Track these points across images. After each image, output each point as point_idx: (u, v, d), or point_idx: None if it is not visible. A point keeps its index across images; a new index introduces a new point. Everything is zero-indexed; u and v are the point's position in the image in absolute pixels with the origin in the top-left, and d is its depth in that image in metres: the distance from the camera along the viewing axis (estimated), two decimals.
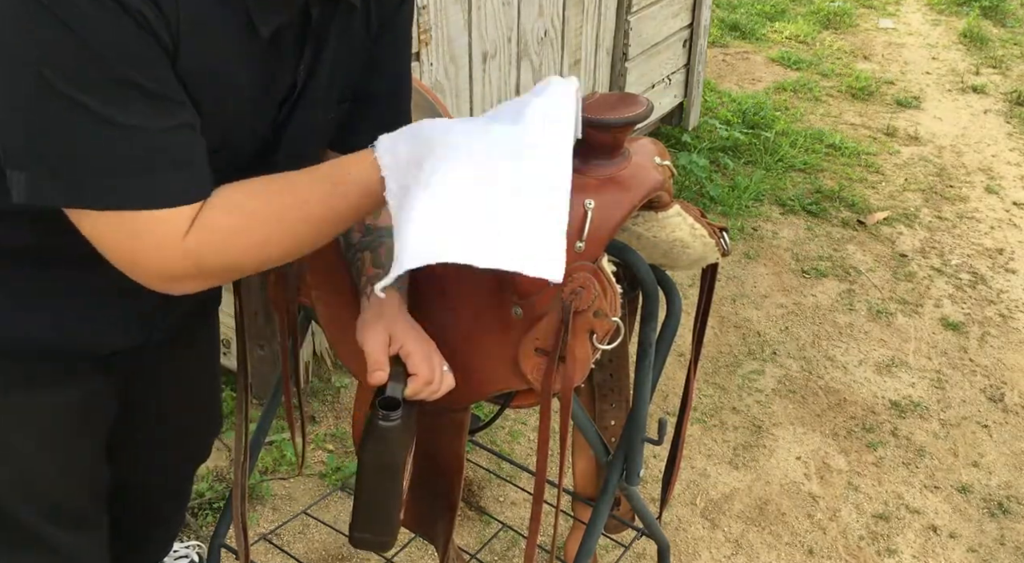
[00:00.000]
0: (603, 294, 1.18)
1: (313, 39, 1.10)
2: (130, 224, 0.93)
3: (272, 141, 1.15)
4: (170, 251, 0.95)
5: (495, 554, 2.13)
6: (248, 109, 1.07)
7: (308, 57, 1.10)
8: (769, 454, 2.49)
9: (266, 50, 1.04)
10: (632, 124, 1.18)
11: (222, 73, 1.01)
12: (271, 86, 1.09)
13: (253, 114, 1.09)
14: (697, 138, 4.06)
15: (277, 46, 1.06)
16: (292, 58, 1.09)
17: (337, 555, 2.11)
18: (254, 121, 1.10)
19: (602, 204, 1.17)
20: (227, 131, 1.05)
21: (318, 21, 1.09)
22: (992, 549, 2.25)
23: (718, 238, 1.35)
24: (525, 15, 2.79)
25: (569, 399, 1.21)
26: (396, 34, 1.26)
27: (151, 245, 0.94)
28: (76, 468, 1.32)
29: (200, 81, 0.98)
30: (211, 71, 0.99)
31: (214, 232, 0.96)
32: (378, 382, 1.17)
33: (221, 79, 1.01)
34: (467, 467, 2.20)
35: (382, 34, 1.23)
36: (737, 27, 5.52)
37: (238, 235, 0.98)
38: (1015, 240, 3.57)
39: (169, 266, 0.96)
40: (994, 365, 2.87)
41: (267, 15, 1.01)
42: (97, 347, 1.23)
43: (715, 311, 3.03)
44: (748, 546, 2.21)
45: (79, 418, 1.29)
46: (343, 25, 1.13)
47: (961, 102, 4.78)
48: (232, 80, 1.02)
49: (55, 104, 0.88)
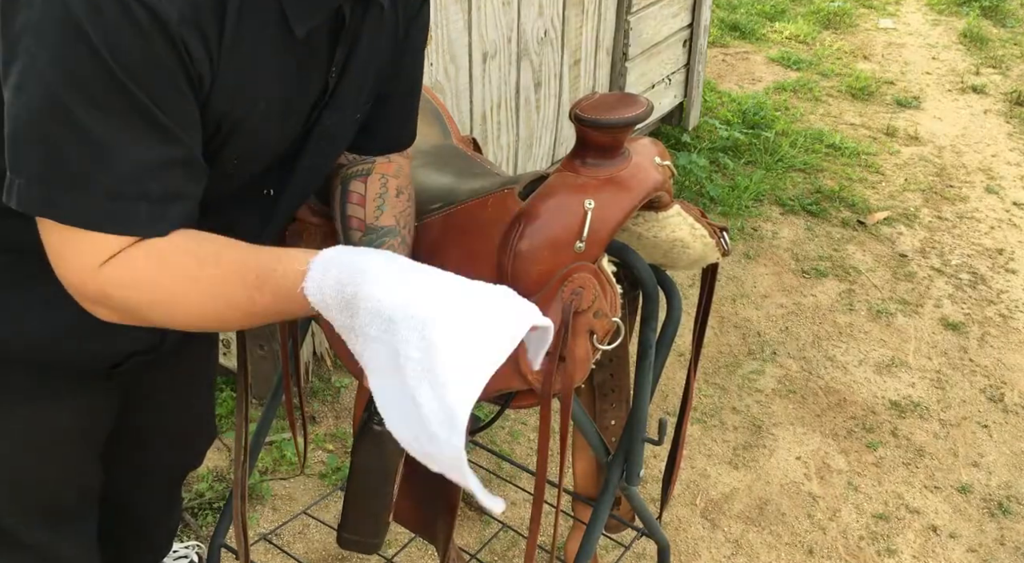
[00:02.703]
0: (603, 294, 1.18)
1: (346, 40, 1.10)
2: (59, 234, 0.94)
3: (300, 146, 1.15)
4: (85, 274, 0.95)
5: (495, 554, 2.13)
6: (279, 114, 1.07)
7: (340, 58, 1.11)
8: (769, 454, 2.49)
9: (300, 51, 1.05)
10: (632, 124, 1.17)
11: (257, 82, 1.01)
12: (304, 89, 1.09)
13: (285, 118, 1.09)
14: (697, 138, 4.06)
15: (310, 47, 1.06)
16: (324, 59, 1.09)
17: (337, 555, 2.11)
18: (285, 125, 1.10)
19: (602, 204, 1.17)
20: (255, 138, 1.05)
21: (351, 21, 1.09)
22: (992, 549, 2.25)
23: (718, 238, 1.35)
24: (525, 15, 2.79)
25: (569, 399, 1.21)
26: (416, 36, 1.27)
27: (72, 262, 0.95)
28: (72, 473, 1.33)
29: (235, 93, 0.99)
30: (248, 82, 1.00)
31: (128, 270, 0.95)
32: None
33: (255, 88, 1.01)
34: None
35: (406, 35, 1.23)
36: (737, 27, 5.52)
37: (148, 284, 0.96)
38: (1015, 240, 3.57)
39: (80, 287, 0.96)
40: (994, 365, 2.87)
41: (303, 14, 1.01)
42: (112, 353, 1.23)
43: (715, 311, 3.03)
44: (748, 546, 2.21)
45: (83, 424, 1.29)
46: (374, 25, 1.14)
47: (961, 102, 4.78)
48: (265, 86, 1.02)
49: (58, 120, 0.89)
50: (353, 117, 1.20)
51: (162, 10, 0.88)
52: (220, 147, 1.03)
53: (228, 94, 0.98)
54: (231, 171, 1.08)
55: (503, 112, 2.85)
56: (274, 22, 1.00)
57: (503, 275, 1.20)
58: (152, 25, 0.88)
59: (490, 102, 2.77)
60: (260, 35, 0.99)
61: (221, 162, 1.05)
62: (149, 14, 0.87)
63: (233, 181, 1.12)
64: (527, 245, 1.18)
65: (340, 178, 1.33)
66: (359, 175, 1.31)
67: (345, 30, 1.09)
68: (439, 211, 1.33)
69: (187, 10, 0.90)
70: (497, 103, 2.80)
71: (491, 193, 1.28)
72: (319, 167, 1.23)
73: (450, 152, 1.54)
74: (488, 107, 2.77)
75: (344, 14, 1.07)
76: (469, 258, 1.27)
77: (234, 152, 1.05)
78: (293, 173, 1.18)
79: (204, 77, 0.95)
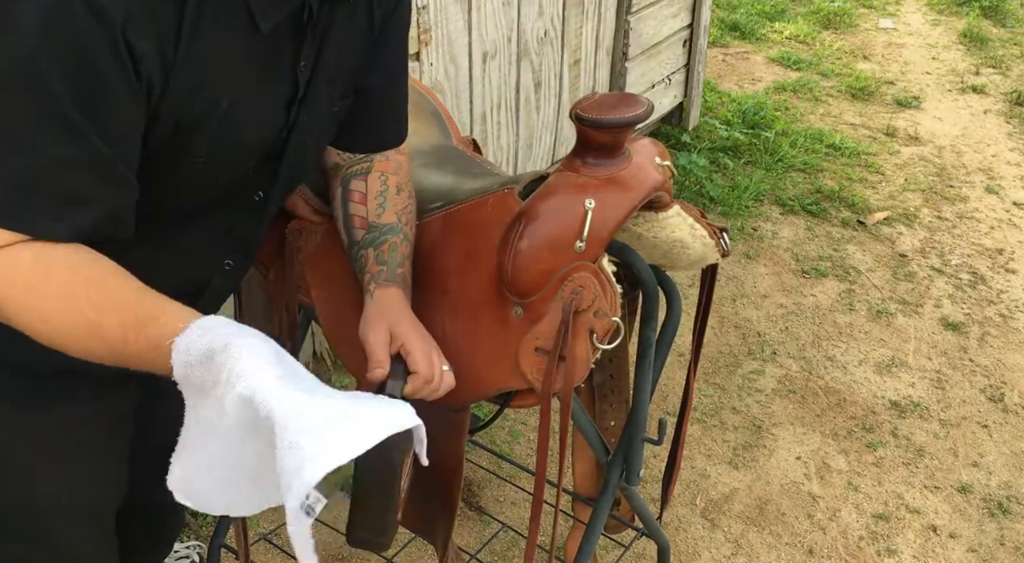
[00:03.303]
0: (603, 294, 1.18)
1: (314, 35, 1.10)
2: None
3: (282, 146, 1.14)
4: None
5: (495, 554, 2.13)
6: (247, 112, 1.06)
7: (309, 54, 1.10)
8: (769, 454, 2.49)
9: (263, 48, 1.04)
10: (633, 124, 1.18)
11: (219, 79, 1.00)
12: (272, 86, 1.08)
13: (254, 116, 1.08)
14: (697, 138, 4.06)
15: (274, 43, 1.05)
16: (290, 55, 1.08)
17: (337, 555, 2.11)
18: (256, 124, 1.09)
19: (602, 204, 1.18)
20: (221, 136, 1.04)
21: (319, 16, 1.08)
22: (992, 549, 2.25)
23: (718, 239, 1.35)
24: (525, 15, 2.79)
25: (569, 399, 1.21)
26: (395, 31, 1.26)
27: None
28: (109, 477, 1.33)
29: (193, 91, 0.97)
30: (208, 80, 0.99)
31: (10, 267, 0.92)
32: (378, 379, 1.16)
33: (216, 86, 1.00)
34: (467, 467, 2.20)
35: (383, 31, 1.23)
36: (737, 27, 5.52)
37: (25, 286, 0.93)
38: (1015, 240, 3.57)
39: None
40: (994, 365, 2.87)
41: (269, 8, 1.00)
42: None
43: (715, 311, 3.03)
44: (748, 546, 2.21)
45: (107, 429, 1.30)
46: (343, 19, 1.13)
47: (961, 102, 4.78)
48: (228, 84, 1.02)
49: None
50: (329, 111, 1.19)
51: (106, 9, 0.87)
52: (182, 145, 1.02)
53: (186, 91, 0.97)
54: (202, 169, 1.06)
55: (503, 112, 2.85)
56: (236, 18, 0.99)
57: (503, 274, 1.20)
58: (90, 23, 0.87)
59: (490, 102, 2.77)
60: (221, 31, 0.98)
61: (187, 160, 1.04)
62: (90, 12, 0.86)
63: (218, 183, 1.12)
64: (527, 244, 1.18)
65: (340, 178, 1.33)
66: (359, 174, 1.31)
67: (313, 24, 1.08)
68: (439, 210, 1.33)
69: (137, 8, 0.89)
70: (497, 103, 2.80)
71: (491, 193, 1.28)
72: (301, 164, 1.22)
73: (450, 152, 1.54)
74: (488, 107, 2.77)
75: (311, 8, 1.06)
76: (469, 257, 1.27)
77: (199, 150, 1.04)
78: (279, 174, 1.18)
79: (155, 77, 0.94)
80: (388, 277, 1.24)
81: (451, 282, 1.28)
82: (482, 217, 1.26)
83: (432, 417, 1.28)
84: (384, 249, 1.26)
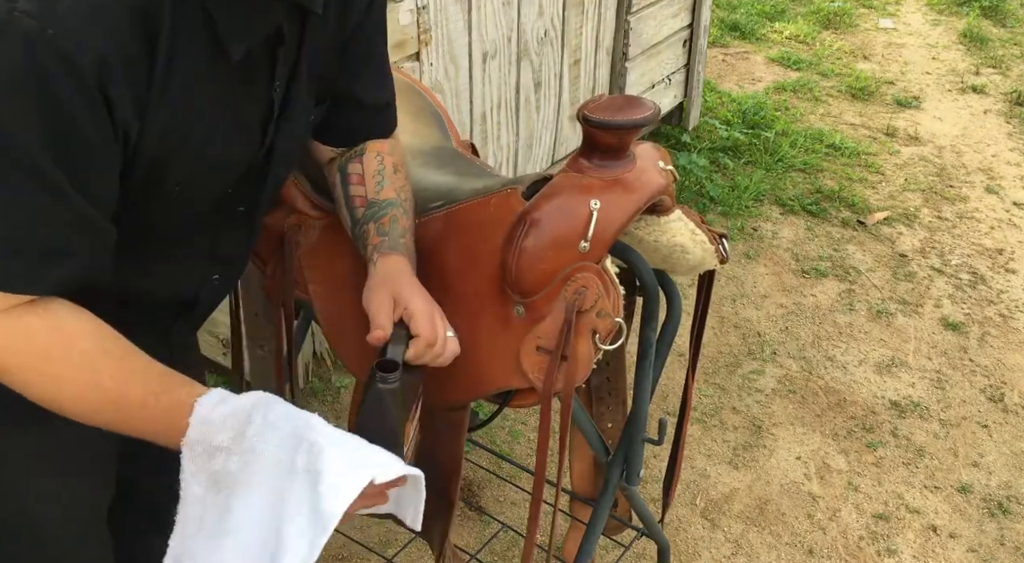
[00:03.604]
0: (606, 294, 1.18)
1: (288, 56, 1.08)
2: None
3: (263, 163, 1.14)
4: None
5: (495, 554, 2.13)
6: (222, 136, 1.05)
7: (283, 72, 1.09)
8: (769, 454, 2.49)
9: (236, 72, 1.02)
10: (639, 126, 1.18)
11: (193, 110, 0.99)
12: (247, 108, 1.07)
13: (230, 140, 1.07)
14: (697, 138, 4.06)
15: (247, 67, 1.04)
16: (265, 76, 1.07)
17: (337, 555, 2.11)
18: (232, 146, 1.08)
19: (607, 205, 1.18)
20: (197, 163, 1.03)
21: (290, 37, 1.07)
22: (992, 549, 2.25)
23: (717, 244, 1.35)
24: (525, 15, 2.79)
25: (570, 398, 1.21)
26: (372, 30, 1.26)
27: None
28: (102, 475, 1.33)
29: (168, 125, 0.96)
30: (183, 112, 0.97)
31: (19, 336, 0.93)
32: (378, 341, 1.13)
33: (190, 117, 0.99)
34: (467, 467, 2.20)
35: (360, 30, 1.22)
36: (737, 27, 5.52)
37: (41, 354, 0.94)
38: (1015, 240, 3.57)
39: None
40: (994, 365, 2.87)
41: (239, 37, 0.99)
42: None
43: (715, 311, 3.03)
44: (748, 546, 2.21)
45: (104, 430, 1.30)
46: (314, 33, 1.12)
47: (961, 102, 4.78)
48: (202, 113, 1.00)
49: None
50: (307, 121, 1.19)
51: (75, 58, 0.85)
52: (157, 177, 1.01)
53: (161, 128, 0.96)
54: (177, 195, 1.05)
55: (503, 112, 2.85)
56: (207, 47, 0.97)
57: (507, 272, 1.20)
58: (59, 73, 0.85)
59: (490, 102, 2.77)
60: (194, 63, 0.96)
61: (163, 189, 1.03)
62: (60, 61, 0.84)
63: (195, 206, 1.11)
64: (532, 243, 1.18)
65: (336, 166, 1.33)
66: (354, 157, 1.31)
67: (285, 46, 1.07)
68: (440, 209, 1.33)
69: (111, 51, 0.87)
70: (497, 103, 2.80)
71: (494, 192, 1.28)
72: (284, 176, 1.24)
73: (450, 154, 1.54)
74: (488, 107, 2.76)
75: (283, 30, 1.05)
76: (470, 256, 1.27)
77: (175, 178, 1.03)
78: (263, 189, 1.18)
79: (130, 121, 0.92)
80: (391, 246, 1.23)
81: (452, 281, 1.28)
82: (484, 217, 1.27)
83: (432, 415, 1.29)
84: (384, 221, 1.25)
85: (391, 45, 2.27)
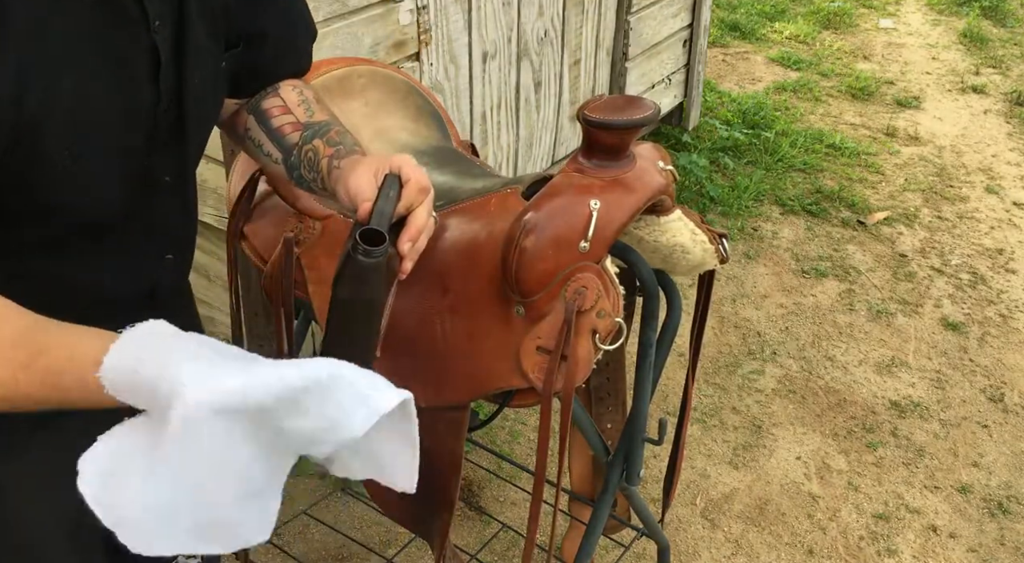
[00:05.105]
0: (606, 294, 1.18)
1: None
2: None
3: (174, 122, 1.02)
4: None
5: (495, 554, 2.13)
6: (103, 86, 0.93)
7: (163, 10, 0.96)
8: (769, 454, 2.49)
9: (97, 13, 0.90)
10: (640, 126, 1.18)
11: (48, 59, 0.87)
12: (122, 56, 0.94)
13: (114, 90, 0.94)
14: (697, 138, 4.06)
15: (110, 5, 0.91)
16: (137, 16, 0.94)
17: (337, 555, 2.11)
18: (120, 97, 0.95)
19: (608, 205, 1.18)
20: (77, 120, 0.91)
21: None
22: (992, 549, 2.25)
23: (717, 244, 1.35)
24: (525, 15, 2.79)
25: (570, 398, 1.21)
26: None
27: None
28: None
29: (21, 78, 0.84)
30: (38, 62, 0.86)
31: None
32: (366, 213, 1.01)
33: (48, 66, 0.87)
34: (467, 467, 2.20)
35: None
36: (737, 27, 5.52)
37: None
38: (1015, 240, 3.57)
39: None
40: (994, 365, 2.87)
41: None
42: None
43: (715, 311, 3.03)
44: (748, 546, 2.21)
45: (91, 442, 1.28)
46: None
47: (961, 102, 4.78)
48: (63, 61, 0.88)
49: None
50: (218, 68, 1.07)
51: None
52: (36, 145, 0.89)
53: (11, 81, 0.84)
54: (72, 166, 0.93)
55: (503, 112, 2.85)
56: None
57: (507, 272, 1.20)
58: None
59: (490, 102, 2.77)
60: (35, 4, 0.85)
61: (52, 160, 0.91)
62: None
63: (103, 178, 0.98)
64: (532, 242, 1.18)
65: (246, 110, 1.21)
66: (268, 94, 1.20)
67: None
68: (440, 209, 1.33)
69: None
70: (497, 103, 2.80)
71: (494, 192, 1.28)
72: (204, 135, 1.11)
73: (450, 154, 1.54)
74: (488, 107, 2.76)
75: None
76: (470, 256, 1.27)
77: (60, 145, 0.90)
78: (184, 153, 1.06)
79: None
80: (348, 150, 1.11)
81: (451, 280, 1.28)
82: (484, 216, 1.26)
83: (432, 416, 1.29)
84: (332, 135, 1.14)
85: (391, 45, 2.27)
